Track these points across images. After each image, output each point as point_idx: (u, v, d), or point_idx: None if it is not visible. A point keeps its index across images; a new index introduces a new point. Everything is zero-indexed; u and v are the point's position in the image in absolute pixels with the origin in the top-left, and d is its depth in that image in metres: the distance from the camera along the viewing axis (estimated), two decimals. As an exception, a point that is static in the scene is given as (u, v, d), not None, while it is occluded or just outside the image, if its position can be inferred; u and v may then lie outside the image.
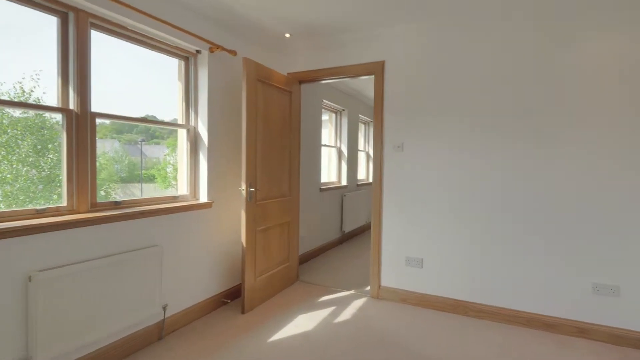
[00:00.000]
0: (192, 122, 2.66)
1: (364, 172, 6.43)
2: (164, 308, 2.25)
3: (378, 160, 2.95)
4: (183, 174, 2.66)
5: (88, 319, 1.81)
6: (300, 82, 3.32)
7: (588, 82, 2.27)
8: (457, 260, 2.67)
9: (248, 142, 2.60)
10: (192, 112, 2.66)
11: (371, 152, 6.50)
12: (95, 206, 2.01)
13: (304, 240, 4.02)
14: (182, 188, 2.66)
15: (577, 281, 2.33)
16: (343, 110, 5.13)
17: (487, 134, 2.55)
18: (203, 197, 2.65)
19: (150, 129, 2.78)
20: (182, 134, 2.65)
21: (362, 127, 6.17)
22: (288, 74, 3.32)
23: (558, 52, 2.33)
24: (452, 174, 2.67)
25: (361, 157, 6.23)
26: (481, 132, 2.57)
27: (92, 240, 1.89)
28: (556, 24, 2.34)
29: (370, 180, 6.51)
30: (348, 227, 5.09)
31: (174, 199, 2.50)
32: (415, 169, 2.81)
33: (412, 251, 2.84)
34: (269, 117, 2.87)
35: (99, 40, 2.05)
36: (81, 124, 1.93)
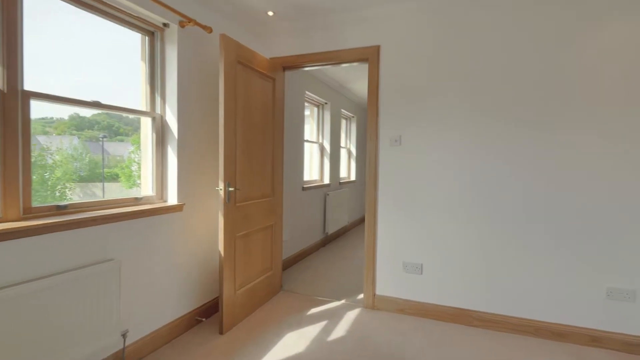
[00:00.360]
0: (158, 110, 2.24)
1: (346, 169, 6.16)
2: (124, 335, 1.83)
3: (373, 156, 2.66)
4: (148, 171, 2.24)
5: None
6: (284, 68, 2.97)
7: (617, 69, 2.10)
8: (460, 265, 2.44)
9: (226, 134, 2.23)
10: (159, 98, 2.24)
11: (353, 150, 6.24)
12: (30, 212, 1.57)
13: (286, 244, 3.68)
14: (146, 188, 2.24)
15: (590, 286, 2.16)
16: (326, 103, 4.82)
17: (498, 126, 2.33)
18: (172, 199, 2.24)
19: (113, 125, 2.38)
20: (146, 123, 2.23)
21: (343, 122, 5.89)
22: (271, 58, 2.96)
23: (580, 34, 2.15)
24: (455, 171, 2.44)
25: (342, 155, 5.95)
26: (491, 125, 2.34)
27: (23, 258, 1.45)
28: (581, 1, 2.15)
29: (353, 178, 6.25)
30: (331, 229, 4.80)
31: (136, 201, 2.09)
32: (414, 165, 2.55)
33: (410, 256, 2.58)
34: (250, 106, 2.50)
35: (36, 3, 1.61)
36: (9, 106, 1.49)
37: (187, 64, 2.29)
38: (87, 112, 2.12)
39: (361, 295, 2.93)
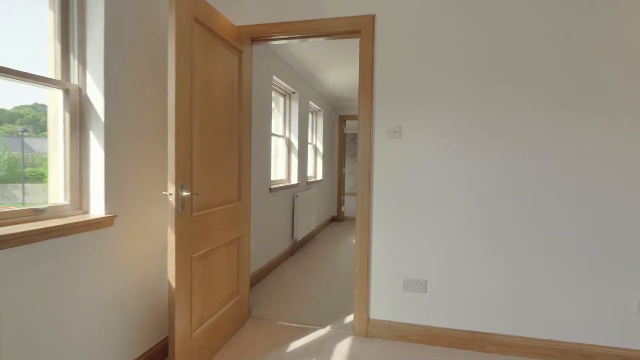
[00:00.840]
0: (74, 79, 1.54)
1: (312, 168, 5.65)
2: None
3: (366, 150, 2.18)
4: (57, 168, 1.53)
5: None
6: (253, 40, 2.37)
7: None
8: (472, 280, 2.05)
9: (179, 119, 1.60)
10: (75, 62, 1.54)
11: (320, 146, 5.75)
12: None
13: (252, 256, 3.07)
14: (56, 194, 1.53)
15: (620, 298, 1.88)
16: (293, 92, 4.26)
17: (519, 113, 1.96)
18: (97, 209, 1.56)
19: (39, 119, 1.68)
20: (54, 97, 1.52)
21: (310, 116, 5.37)
22: (237, 27, 2.34)
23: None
24: (467, 167, 2.04)
25: (309, 151, 5.43)
26: (511, 111, 1.97)
27: None
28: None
29: (320, 177, 5.76)
30: (300, 234, 4.26)
31: (36, 214, 1.38)
32: (417, 161, 2.11)
33: (412, 271, 2.14)
34: (210, 84, 1.88)
35: None
36: None
37: (121, 13, 1.61)
38: (6, 104, 1.42)
39: (350, 318, 2.44)
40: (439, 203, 2.08)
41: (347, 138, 12.08)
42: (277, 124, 4.14)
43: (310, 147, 5.46)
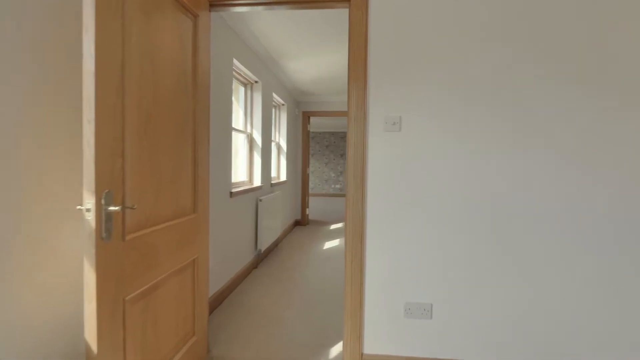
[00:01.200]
0: None
1: (276, 168, 5.14)
2: None
3: (359, 146, 1.76)
4: None
5: None
6: (212, 4, 1.85)
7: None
8: (490, 302, 1.73)
9: (102, 95, 1.05)
10: None
11: (284, 144, 5.25)
12: None
13: (211, 274, 2.52)
14: None
15: (646, 318, 1.66)
16: (256, 82, 3.73)
17: (547, 98, 1.66)
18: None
19: None
20: None
21: (273, 110, 4.86)
22: (186, -15, 1.80)
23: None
24: (486, 168, 1.70)
25: (272, 149, 4.92)
26: (542, 97, 1.66)
27: None
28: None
29: (283, 178, 5.26)
30: (265, 244, 3.74)
31: None
32: (422, 160, 1.74)
33: (414, 293, 1.77)
34: (153, 54, 1.33)
35: None
36: None
37: None
38: None
39: (336, 351, 2.00)
40: (448, 210, 1.73)
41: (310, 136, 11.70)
42: (237, 117, 3.59)
43: (273, 145, 4.95)
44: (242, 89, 3.64)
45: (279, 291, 2.95)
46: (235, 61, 2.99)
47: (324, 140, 11.54)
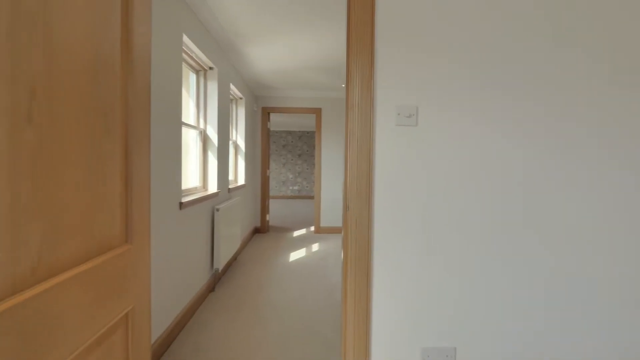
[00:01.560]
0: None
1: (233, 170, 4.54)
2: None
3: (363, 145, 1.33)
4: None
5: None
6: (152, -61, 1.29)
7: None
8: (532, 345, 1.39)
9: None
10: None
11: (241, 143, 4.67)
12: None
13: (156, 310, 1.93)
14: None
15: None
16: (211, 69, 3.14)
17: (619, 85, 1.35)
18: None
19: None
20: None
21: (229, 105, 4.26)
22: None
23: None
24: (532, 175, 1.36)
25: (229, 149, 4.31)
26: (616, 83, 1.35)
27: None
28: None
29: (241, 182, 4.68)
30: (222, 261, 3.17)
31: None
32: (445, 163, 1.35)
33: (433, 335, 1.38)
34: (43, 15, 0.77)
35: None
36: None
37: None
38: None
39: (328, 413, 1.55)
40: (478, 222, 1.36)
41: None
42: (187, 109, 2.97)
43: (230, 144, 4.35)
44: (193, 75, 3.03)
45: (243, 322, 2.42)
46: (185, 38, 2.40)
47: (281, 140, 11.01)
